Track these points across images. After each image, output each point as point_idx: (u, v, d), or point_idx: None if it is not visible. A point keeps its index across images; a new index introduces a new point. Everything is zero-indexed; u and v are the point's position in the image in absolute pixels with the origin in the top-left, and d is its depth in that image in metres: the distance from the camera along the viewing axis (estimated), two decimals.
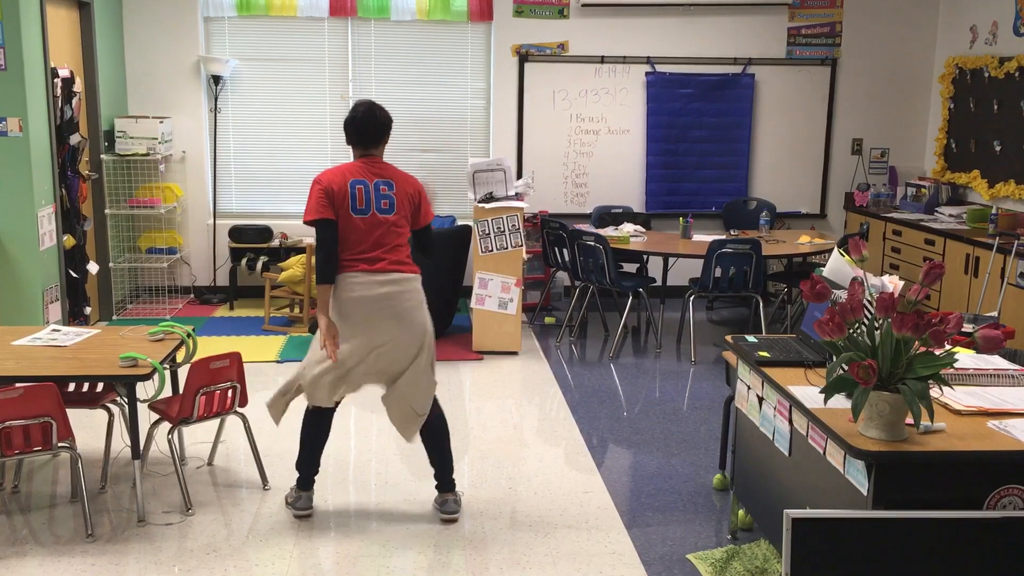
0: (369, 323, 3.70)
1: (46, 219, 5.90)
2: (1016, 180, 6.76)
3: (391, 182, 3.78)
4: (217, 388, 3.95)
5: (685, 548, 3.71)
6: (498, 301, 6.29)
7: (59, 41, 6.33)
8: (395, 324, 3.72)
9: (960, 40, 7.55)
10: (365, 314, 3.69)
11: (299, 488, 3.93)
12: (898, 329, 2.49)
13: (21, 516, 3.90)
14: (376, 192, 3.74)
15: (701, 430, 5.03)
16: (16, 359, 3.84)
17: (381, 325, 3.71)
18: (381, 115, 3.83)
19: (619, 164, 7.90)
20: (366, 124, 3.80)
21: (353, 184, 3.72)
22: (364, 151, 3.83)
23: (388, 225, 3.74)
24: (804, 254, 6.63)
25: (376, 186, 3.75)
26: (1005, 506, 2.56)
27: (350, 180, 3.72)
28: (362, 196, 3.72)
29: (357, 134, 3.82)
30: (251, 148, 7.72)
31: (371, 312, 3.70)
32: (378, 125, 3.82)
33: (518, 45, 7.66)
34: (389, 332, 3.72)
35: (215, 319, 7.17)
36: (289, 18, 7.52)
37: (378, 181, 3.76)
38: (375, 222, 3.72)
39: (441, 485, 3.94)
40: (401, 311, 3.73)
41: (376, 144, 3.84)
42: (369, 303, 3.69)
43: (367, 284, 3.69)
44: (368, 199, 3.72)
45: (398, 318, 3.72)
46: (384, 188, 3.76)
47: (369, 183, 3.74)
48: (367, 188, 3.73)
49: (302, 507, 3.90)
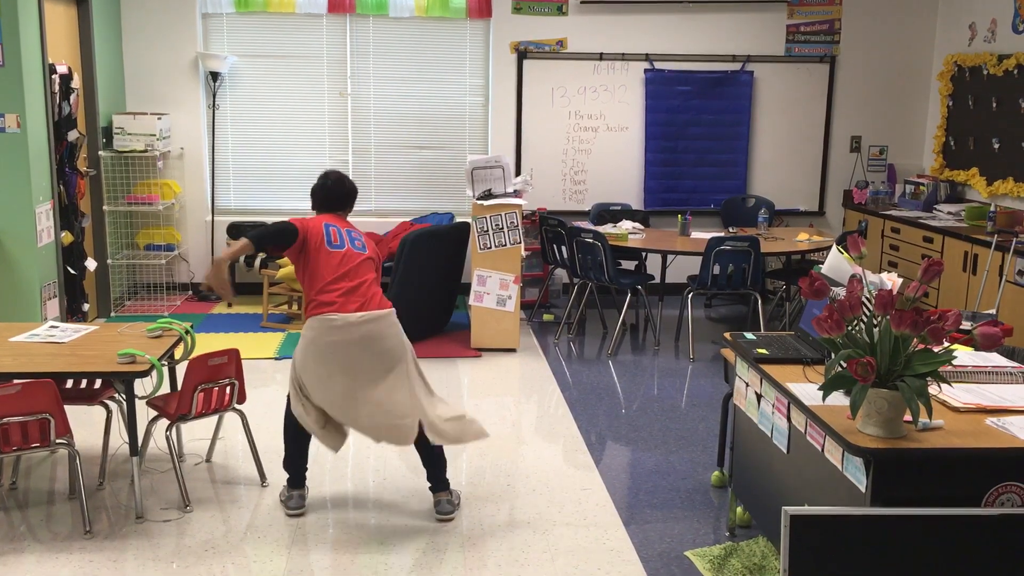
0: (352, 365, 3.69)
1: (44, 215, 5.89)
2: (1015, 178, 6.76)
3: (359, 232, 3.99)
4: (215, 385, 3.95)
5: (683, 545, 3.71)
6: (496, 298, 6.29)
7: (57, 37, 6.32)
8: (378, 362, 3.72)
9: (959, 38, 7.55)
10: (346, 356, 3.68)
11: (290, 487, 3.93)
12: (896, 326, 2.49)
13: (19, 512, 3.90)
14: (348, 234, 3.90)
15: (699, 427, 5.03)
16: (14, 355, 3.84)
17: (364, 365, 3.70)
18: (350, 185, 4.05)
19: (618, 161, 7.90)
20: (336, 193, 4.00)
21: (328, 226, 3.87)
22: (334, 215, 3.99)
23: (362, 259, 3.84)
24: (803, 251, 6.62)
25: (347, 232, 3.92)
26: (1003, 503, 2.56)
27: (324, 223, 3.88)
28: (336, 235, 3.87)
29: (326, 201, 3.99)
30: (249, 145, 7.71)
31: (352, 354, 3.68)
32: (346, 194, 4.02)
33: (517, 42, 7.66)
34: (373, 370, 3.72)
35: (213, 316, 7.17)
36: (288, 14, 7.51)
37: (348, 229, 3.94)
38: (350, 255, 3.81)
39: (434, 486, 3.93)
40: (383, 349, 3.73)
41: (342, 210, 4.02)
42: (349, 346, 3.68)
43: (345, 327, 3.67)
44: (342, 237, 3.87)
45: (380, 356, 3.72)
46: (355, 233, 3.95)
47: (341, 228, 3.91)
48: (339, 230, 3.89)
49: (294, 507, 3.89)
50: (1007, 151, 6.86)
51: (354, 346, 3.68)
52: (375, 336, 3.70)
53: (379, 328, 3.72)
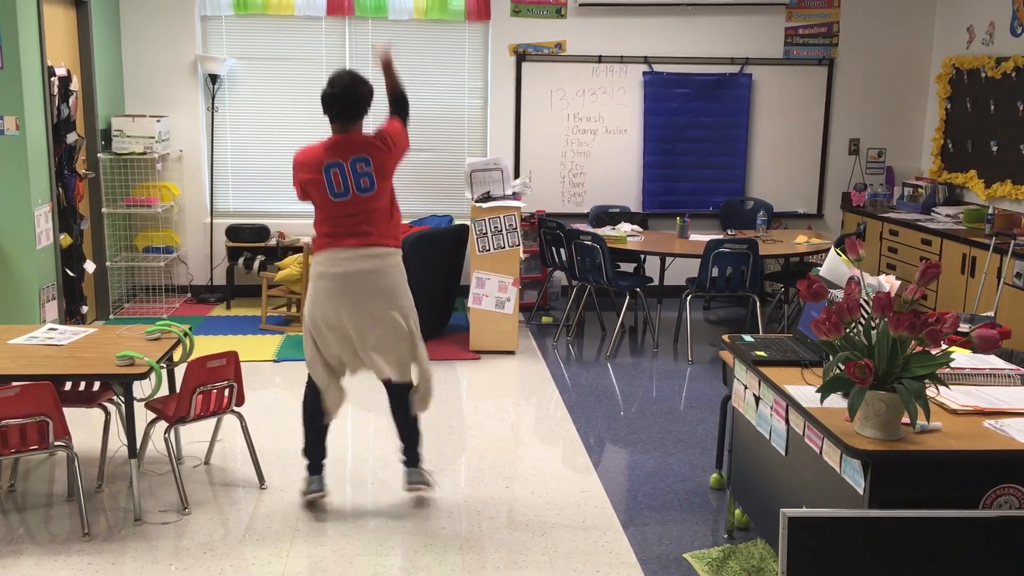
0: (355, 297, 3.72)
1: (43, 218, 5.89)
2: (1013, 180, 6.77)
3: (367, 157, 3.70)
4: (214, 387, 3.95)
5: (682, 547, 3.71)
6: (495, 300, 6.29)
7: (56, 40, 6.32)
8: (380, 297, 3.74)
9: (957, 40, 7.56)
10: (351, 288, 3.71)
11: (310, 473, 3.98)
12: (894, 329, 2.49)
13: (17, 515, 3.89)
14: (354, 172, 3.67)
15: (698, 430, 5.04)
16: (12, 358, 3.84)
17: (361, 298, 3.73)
18: (363, 89, 3.70)
19: (616, 164, 7.90)
20: (344, 101, 3.69)
21: (328, 168, 3.67)
22: (341, 126, 3.75)
23: (370, 202, 3.72)
24: (801, 254, 6.63)
25: (353, 165, 3.68)
26: (1001, 505, 2.56)
27: (324, 164, 3.68)
28: (339, 179, 3.66)
29: (335, 110, 3.70)
30: (248, 147, 7.71)
31: (356, 286, 3.71)
32: (357, 101, 3.69)
33: (515, 44, 7.66)
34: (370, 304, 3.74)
35: (212, 318, 7.17)
36: (286, 17, 7.52)
37: (354, 159, 3.68)
38: (356, 201, 3.70)
39: (408, 460, 4.00)
40: (385, 287, 3.75)
41: (355, 119, 3.73)
42: (353, 278, 3.70)
43: (351, 259, 3.70)
44: (345, 181, 3.67)
45: (383, 294, 3.74)
46: (361, 165, 3.68)
47: (345, 164, 3.68)
48: (343, 170, 3.67)
49: (315, 489, 3.92)
50: (1005, 153, 6.87)
51: (353, 278, 3.70)
52: (378, 272, 3.72)
53: (382, 265, 3.73)
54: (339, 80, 3.70)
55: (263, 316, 6.95)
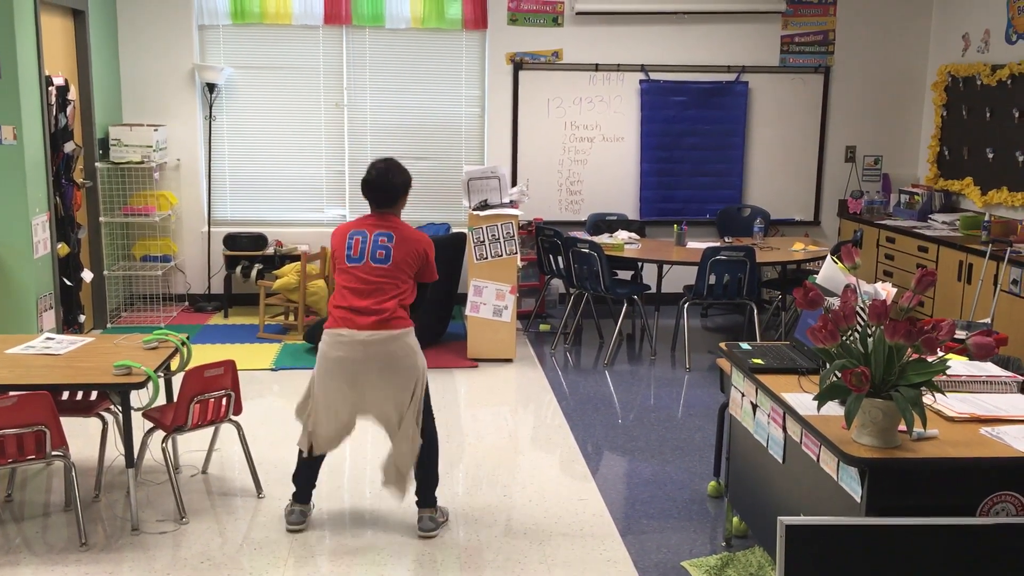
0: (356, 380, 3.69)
1: (40, 227, 5.89)
2: (1009, 187, 6.79)
3: (391, 234, 3.71)
4: (211, 396, 3.95)
5: (680, 555, 3.71)
6: (493, 308, 6.30)
7: (53, 49, 6.33)
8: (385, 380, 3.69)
9: (953, 48, 7.58)
10: (352, 372, 3.68)
11: (294, 500, 3.92)
12: (891, 336, 2.49)
13: (15, 525, 3.89)
14: (374, 242, 3.69)
15: (696, 437, 5.04)
16: (10, 367, 3.84)
17: (369, 381, 3.69)
18: (397, 179, 3.76)
19: (613, 171, 7.91)
20: (378, 187, 3.76)
21: (351, 235, 3.72)
22: (377, 208, 3.79)
23: (383, 274, 3.68)
24: (798, 261, 6.64)
25: (375, 237, 3.70)
26: (998, 513, 2.57)
27: (350, 231, 3.73)
28: (357, 246, 3.70)
29: (369, 195, 3.78)
30: (246, 156, 7.72)
31: (358, 370, 3.68)
32: (390, 188, 3.75)
33: (512, 53, 7.68)
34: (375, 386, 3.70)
35: (209, 327, 7.16)
36: (284, 26, 7.53)
37: (378, 233, 3.71)
38: (369, 271, 3.68)
39: (420, 500, 3.90)
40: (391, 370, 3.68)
41: (389, 206, 3.77)
42: (354, 363, 3.67)
43: (351, 344, 3.66)
44: (363, 249, 3.69)
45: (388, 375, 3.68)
46: (383, 239, 3.70)
47: (368, 233, 3.71)
48: (364, 238, 3.71)
49: (294, 521, 3.86)
50: (1001, 161, 6.89)
51: (360, 364, 3.67)
52: (382, 357, 3.67)
53: (388, 349, 3.67)
54: (375, 167, 3.78)
55: (261, 325, 6.95)
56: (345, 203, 7.83)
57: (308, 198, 7.80)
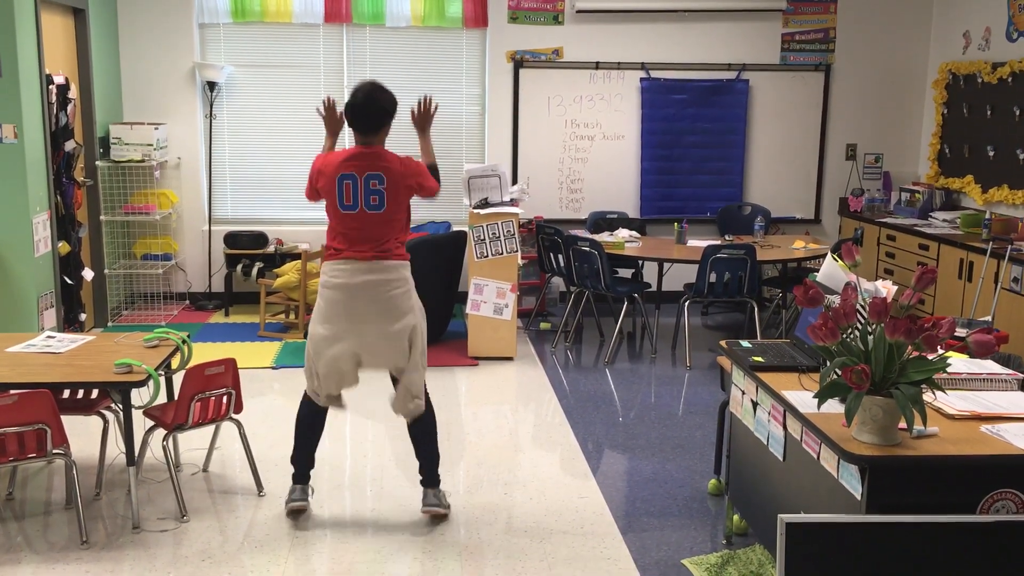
0: (354, 311, 3.70)
1: (41, 226, 5.89)
2: (1009, 185, 6.79)
3: (382, 175, 3.66)
4: (212, 394, 3.95)
5: (680, 553, 3.71)
6: (493, 307, 6.30)
7: (54, 47, 6.33)
8: (379, 313, 3.70)
9: (953, 46, 7.58)
10: (349, 301, 3.69)
11: (295, 482, 3.95)
12: (891, 334, 2.49)
13: (15, 523, 3.89)
14: (365, 187, 3.64)
15: (696, 435, 5.04)
16: (11, 366, 3.84)
17: (365, 313, 3.70)
18: (382, 99, 3.67)
19: (614, 170, 7.91)
20: (363, 110, 3.66)
21: (341, 179, 3.65)
22: (363, 138, 3.72)
23: (378, 220, 3.69)
24: (798, 259, 6.64)
25: (366, 180, 3.65)
26: (998, 510, 2.57)
27: (339, 174, 3.65)
28: (349, 192, 3.64)
29: (353, 120, 3.68)
30: (246, 154, 7.72)
31: (355, 299, 3.68)
32: (376, 111, 3.66)
33: (513, 51, 7.68)
34: (374, 321, 3.71)
35: (210, 325, 7.17)
36: (284, 24, 7.53)
37: (368, 175, 3.65)
38: (363, 218, 3.68)
39: (425, 480, 3.95)
40: (389, 300, 3.71)
41: (374, 131, 3.70)
42: (353, 290, 3.68)
43: (350, 271, 3.68)
44: (356, 195, 3.64)
45: (382, 306, 3.70)
46: (374, 183, 3.65)
47: (358, 177, 3.65)
48: (355, 183, 3.64)
49: (296, 498, 3.88)
50: (1002, 158, 6.88)
51: (359, 290, 3.67)
52: (380, 285, 3.69)
53: (384, 278, 3.69)
54: (360, 90, 3.69)
55: (261, 323, 6.95)
56: None
57: None
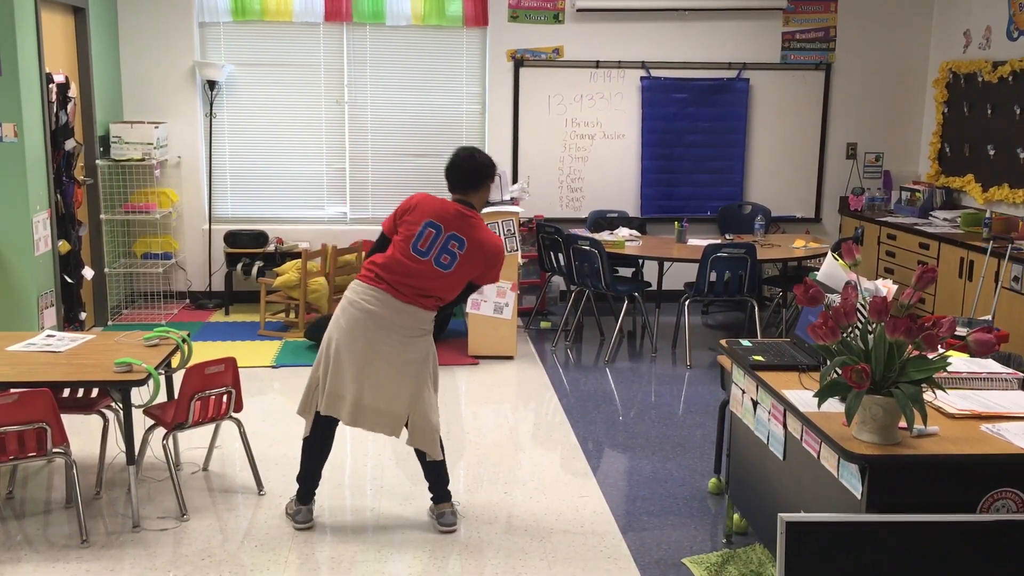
0: (375, 338, 3.68)
1: (41, 224, 5.89)
2: (1010, 184, 6.78)
3: (464, 240, 3.68)
4: (212, 393, 3.95)
5: (680, 552, 3.71)
6: (494, 306, 6.30)
7: (54, 46, 6.33)
8: (396, 345, 3.69)
9: (954, 44, 7.57)
10: (374, 329, 3.67)
11: (299, 501, 3.91)
12: (891, 333, 2.49)
13: (16, 522, 3.89)
14: (444, 244, 3.67)
15: (696, 434, 5.04)
16: (11, 365, 3.84)
17: (385, 342, 3.68)
18: (480, 160, 3.78)
19: (614, 169, 7.91)
20: (460, 168, 3.76)
21: (426, 226, 3.68)
22: (460, 194, 3.78)
23: (436, 276, 3.68)
24: (799, 258, 6.64)
25: (447, 239, 3.67)
26: (998, 509, 2.57)
27: (426, 220, 3.68)
28: (427, 241, 3.67)
29: (451, 176, 3.78)
30: (246, 153, 7.72)
31: (378, 329, 3.67)
32: (472, 171, 3.75)
33: (513, 50, 7.68)
34: (389, 350, 3.69)
35: (210, 324, 7.17)
36: (284, 23, 7.53)
37: (451, 234, 3.67)
38: (426, 269, 3.67)
39: (436, 496, 3.92)
40: (406, 340, 3.70)
41: (467, 188, 3.76)
42: (379, 320, 3.67)
43: (383, 303, 3.67)
44: (432, 246, 3.67)
45: (399, 344, 3.69)
46: (453, 244, 3.67)
47: (443, 231, 3.68)
48: (437, 234, 3.67)
49: (302, 520, 3.87)
50: (1002, 157, 6.88)
51: (385, 322, 3.66)
52: (405, 327, 3.69)
53: (410, 319, 3.69)
54: (463, 150, 3.82)
55: (261, 322, 6.95)
56: (346, 200, 7.82)
57: (309, 195, 7.80)
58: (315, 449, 3.85)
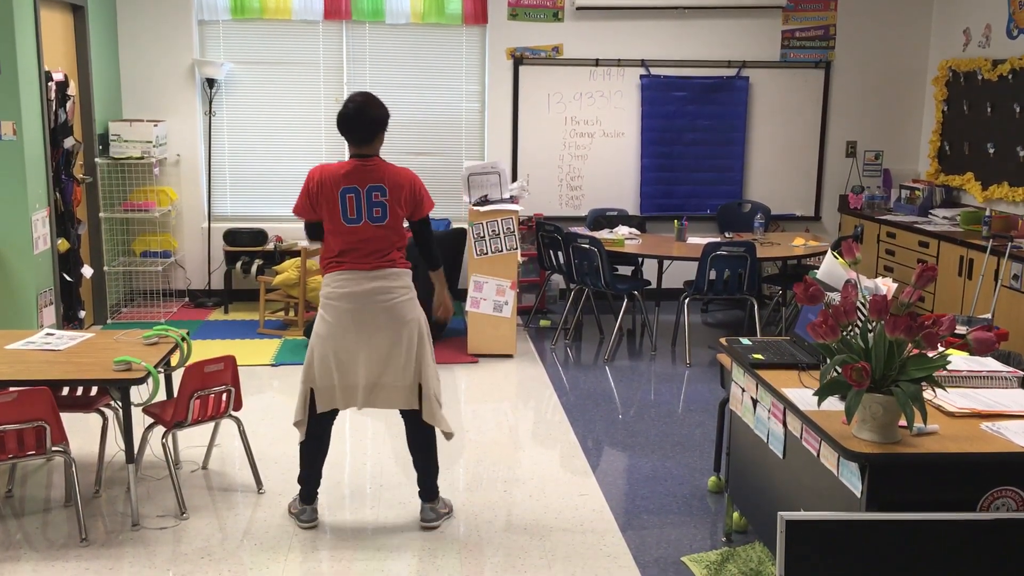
0: (363, 321, 3.68)
1: (40, 223, 5.89)
2: (1009, 182, 6.78)
3: (383, 186, 3.67)
4: (211, 392, 3.95)
5: (680, 550, 3.71)
6: (493, 304, 6.30)
7: (53, 45, 6.32)
8: (387, 321, 3.69)
9: (953, 43, 7.57)
10: (357, 311, 3.68)
11: (302, 501, 3.91)
12: (891, 331, 2.49)
13: (15, 520, 3.89)
14: (368, 199, 3.65)
15: (696, 433, 5.04)
16: (10, 363, 3.84)
17: (374, 322, 3.69)
18: (375, 112, 3.66)
19: (614, 167, 7.91)
20: (356, 121, 3.66)
21: (344, 193, 3.64)
22: (356, 149, 3.72)
23: (381, 233, 3.69)
24: (798, 256, 6.64)
25: (368, 192, 3.65)
26: (998, 508, 2.57)
27: (341, 188, 3.64)
28: (353, 205, 3.65)
29: (347, 131, 3.68)
30: (246, 151, 7.71)
31: (363, 308, 3.67)
32: (368, 122, 3.66)
33: (513, 48, 7.67)
34: (383, 328, 3.69)
35: (210, 323, 7.16)
36: (284, 21, 7.52)
37: (370, 187, 3.65)
38: (367, 230, 3.67)
39: (423, 493, 3.91)
40: (391, 306, 3.70)
41: (367, 142, 3.69)
42: (359, 298, 3.67)
43: (355, 279, 3.67)
44: (359, 208, 3.65)
45: (389, 314, 3.70)
46: (376, 194, 3.66)
47: (361, 190, 3.65)
48: (358, 196, 3.65)
49: (307, 519, 3.86)
50: (1002, 156, 6.88)
51: (365, 297, 3.66)
52: (383, 292, 3.68)
53: (388, 285, 3.69)
54: (352, 100, 3.68)
55: (261, 320, 6.95)
56: None
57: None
58: (313, 450, 3.85)
